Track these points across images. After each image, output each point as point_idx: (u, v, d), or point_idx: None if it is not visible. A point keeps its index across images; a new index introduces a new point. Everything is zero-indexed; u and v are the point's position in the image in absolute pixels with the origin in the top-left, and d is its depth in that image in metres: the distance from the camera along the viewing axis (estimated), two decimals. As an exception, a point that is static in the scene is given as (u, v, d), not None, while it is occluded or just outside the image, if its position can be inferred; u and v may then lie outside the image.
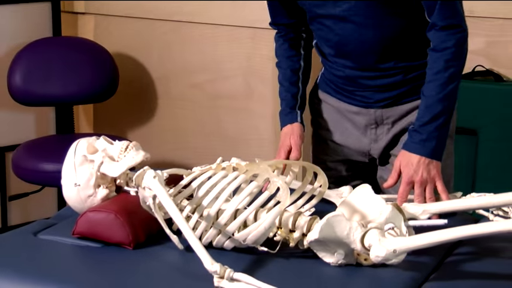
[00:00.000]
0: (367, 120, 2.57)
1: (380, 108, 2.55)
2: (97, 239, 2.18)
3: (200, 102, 4.19)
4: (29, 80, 3.98)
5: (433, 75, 2.37)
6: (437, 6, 2.34)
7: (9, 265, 2.09)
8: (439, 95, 2.35)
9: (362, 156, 2.63)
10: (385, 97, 2.54)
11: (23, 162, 3.83)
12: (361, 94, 2.55)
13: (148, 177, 2.15)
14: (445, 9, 2.36)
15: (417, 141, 2.35)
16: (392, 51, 2.48)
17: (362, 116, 2.58)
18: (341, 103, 2.62)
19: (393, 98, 2.54)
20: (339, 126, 2.64)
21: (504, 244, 2.17)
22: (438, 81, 2.37)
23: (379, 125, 2.57)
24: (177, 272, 2.04)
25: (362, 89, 2.55)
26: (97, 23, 4.32)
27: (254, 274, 1.94)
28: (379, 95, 2.54)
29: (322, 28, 2.50)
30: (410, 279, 2.00)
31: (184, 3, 4.10)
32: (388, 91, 2.53)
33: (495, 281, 2.01)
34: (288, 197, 2.11)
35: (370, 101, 2.55)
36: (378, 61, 2.49)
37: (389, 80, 2.51)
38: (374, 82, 2.52)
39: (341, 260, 2.04)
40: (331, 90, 2.63)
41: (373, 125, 2.57)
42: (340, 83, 2.59)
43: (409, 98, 2.53)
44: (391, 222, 2.04)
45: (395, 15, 2.42)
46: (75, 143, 2.31)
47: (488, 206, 2.14)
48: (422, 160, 2.33)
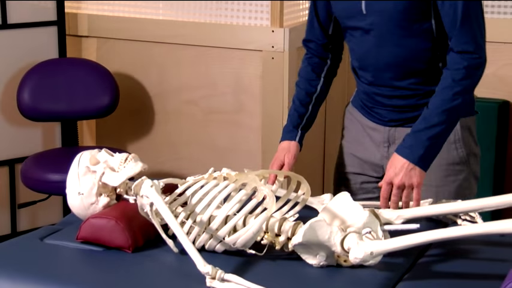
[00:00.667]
0: (381, 137, 2.58)
1: (394, 127, 2.55)
2: (99, 243, 2.18)
3: (194, 117, 4.18)
4: (37, 98, 3.97)
5: (439, 90, 2.38)
6: (455, 32, 2.35)
7: (18, 268, 2.10)
8: (439, 109, 2.35)
9: (376, 172, 2.62)
10: (398, 118, 2.55)
11: (31, 173, 3.83)
12: (378, 111, 2.57)
13: (146, 186, 2.15)
14: (462, 36, 2.36)
15: (407, 146, 2.36)
16: (409, 72, 2.47)
17: (378, 132, 2.59)
18: (363, 118, 2.63)
19: (405, 119, 2.53)
20: (359, 139, 2.65)
21: (471, 246, 2.18)
22: (442, 96, 2.37)
23: (391, 144, 2.57)
24: (173, 273, 2.05)
25: (379, 107, 2.56)
26: (99, 45, 4.31)
27: (243, 275, 1.96)
28: (393, 115, 2.54)
29: (351, 39, 2.53)
30: (385, 279, 2.01)
31: (179, 26, 4.10)
32: (402, 112, 2.53)
33: (463, 280, 2.02)
34: (274, 204, 2.12)
35: (385, 119, 2.56)
36: (392, 78, 2.49)
37: (403, 101, 2.51)
38: (389, 101, 2.53)
39: (323, 261, 2.05)
40: (358, 105, 2.65)
41: (386, 143, 2.58)
42: (364, 99, 2.60)
43: None
44: (368, 226, 2.05)
45: (414, 37, 2.43)
46: (79, 155, 2.32)
47: (457, 211, 2.14)
48: (406, 165, 2.33)
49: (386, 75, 2.49)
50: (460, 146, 2.49)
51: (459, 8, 2.34)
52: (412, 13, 2.40)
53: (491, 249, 2.16)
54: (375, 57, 2.48)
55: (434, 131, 2.36)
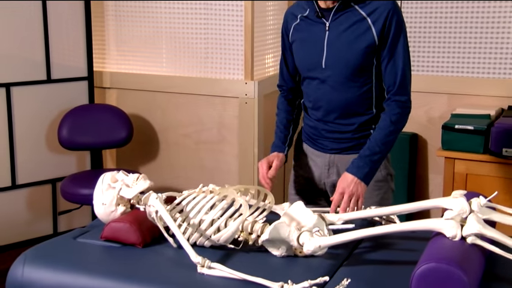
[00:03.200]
0: (324, 162, 2.56)
1: (333, 154, 2.54)
2: (117, 241, 2.17)
3: (188, 146, 4.17)
4: (72, 133, 3.95)
5: (379, 127, 2.40)
6: (395, 87, 2.38)
7: (57, 259, 2.08)
8: (379, 142, 2.37)
9: (320, 187, 2.60)
10: (337, 147, 2.53)
11: (68, 189, 3.80)
12: (322, 142, 2.55)
13: (152, 198, 2.15)
14: (399, 90, 2.40)
15: (356, 166, 2.35)
16: (350, 113, 2.46)
17: (321, 158, 2.57)
18: (309, 148, 2.61)
19: (342, 149, 2.52)
20: (306, 164, 2.62)
21: (392, 240, 2.17)
22: (382, 132, 2.38)
23: (331, 167, 2.55)
24: (172, 262, 2.03)
25: (323, 139, 2.54)
26: (118, 94, 4.30)
27: (225, 263, 1.95)
28: (334, 145, 2.53)
29: (308, 86, 2.51)
30: (330, 265, 2.00)
31: (176, 80, 4.09)
32: (340, 143, 2.52)
33: (387, 265, 2.02)
34: (247, 210, 2.11)
35: (327, 148, 2.54)
36: (337, 117, 2.47)
37: (343, 135, 2.50)
38: (332, 134, 2.51)
39: (284, 253, 2.04)
40: (305, 138, 2.63)
41: (327, 166, 2.56)
42: (311, 132, 2.58)
43: (352, 151, 2.50)
44: (317, 226, 2.04)
45: (358, 87, 2.42)
46: (103, 175, 2.31)
47: (381, 215, 2.14)
48: (355, 180, 2.33)
49: (333, 115, 2.48)
50: (382, 168, 2.49)
51: (399, 71, 2.38)
52: (359, 70, 2.40)
53: (405, 241, 2.16)
54: (327, 101, 2.46)
55: (375, 157, 2.37)
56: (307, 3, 2.45)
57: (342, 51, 2.38)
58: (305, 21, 2.46)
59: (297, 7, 2.52)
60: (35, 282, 2.02)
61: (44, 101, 4.00)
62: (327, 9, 2.38)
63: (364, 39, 2.36)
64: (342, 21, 2.38)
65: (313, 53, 2.44)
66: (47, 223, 4.14)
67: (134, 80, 4.24)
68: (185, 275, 1.92)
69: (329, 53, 2.40)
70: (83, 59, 4.12)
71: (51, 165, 4.08)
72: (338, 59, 2.39)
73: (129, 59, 4.25)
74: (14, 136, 3.91)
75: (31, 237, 4.03)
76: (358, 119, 2.47)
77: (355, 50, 2.37)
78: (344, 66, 2.39)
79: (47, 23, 3.93)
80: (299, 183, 2.65)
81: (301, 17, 2.48)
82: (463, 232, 1.83)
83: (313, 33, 2.44)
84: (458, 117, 3.45)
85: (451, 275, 1.67)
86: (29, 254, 2.10)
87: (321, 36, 2.41)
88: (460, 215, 1.87)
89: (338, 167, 2.53)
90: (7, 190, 3.93)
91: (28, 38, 3.88)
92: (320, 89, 2.46)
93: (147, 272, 1.96)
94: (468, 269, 1.69)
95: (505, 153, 3.21)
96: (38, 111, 3.99)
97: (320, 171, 2.57)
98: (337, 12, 2.37)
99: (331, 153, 2.54)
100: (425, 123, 3.85)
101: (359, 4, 2.36)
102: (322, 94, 2.47)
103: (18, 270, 2.05)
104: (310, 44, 2.44)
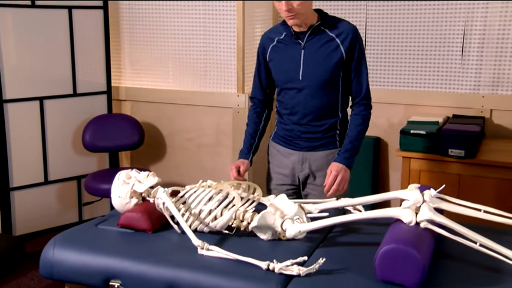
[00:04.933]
0: (298, 159, 2.55)
1: (305, 151, 2.53)
2: (131, 227, 2.16)
3: (190, 149, 4.16)
4: (94, 138, 3.93)
5: (354, 126, 2.45)
6: (361, 94, 2.46)
7: (81, 243, 2.07)
8: (355, 137, 2.44)
9: (292, 180, 2.59)
10: (310, 145, 2.52)
11: (91, 184, 3.77)
12: (297, 142, 2.54)
13: (160, 192, 2.15)
14: (364, 96, 2.46)
15: (342, 157, 2.41)
16: (322, 116, 2.47)
17: (295, 155, 2.55)
18: (282, 147, 2.59)
19: (314, 147, 2.52)
20: (280, 162, 2.61)
21: (359, 226, 2.18)
22: (356, 129, 2.45)
23: (304, 162, 2.54)
24: (177, 246, 2.02)
25: (298, 139, 2.53)
26: (132, 105, 4.28)
27: (220, 246, 1.95)
28: (307, 144, 2.52)
29: (285, 96, 2.50)
30: (308, 247, 1.99)
31: (181, 93, 4.09)
32: (312, 142, 2.51)
33: (355, 246, 2.02)
34: (239, 201, 2.11)
35: (301, 146, 2.53)
36: (311, 120, 2.48)
37: (315, 135, 2.50)
38: (306, 135, 2.51)
39: (270, 237, 2.03)
40: (279, 140, 2.61)
41: (300, 162, 2.55)
42: (286, 135, 2.56)
43: (322, 148, 2.51)
44: (298, 215, 2.04)
45: (330, 95, 2.45)
46: (119, 172, 2.30)
47: (350, 204, 2.14)
48: (344, 167, 2.39)
49: (307, 118, 2.48)
50: None
51: (364, 82, 2.46)
52: (330, 81, 2.42)
53: (369, 227, 2.16)
54: (303, 106, 2.46)
55: (355, 150, 2.44)
56: (282, 28, 2.48)
57: (316, 66, 2.40)
58: (282, 43, 2.47)
59: (272, 32, 2.53)
60: (63, 261, 2.01)
61: (70, 111, 3.99)
62: (301, 33, 2.42)
63: (334, 55, 2.39)
64: (315, 41, 2.41)
65: (291, 67, 2.44)
66: (73, 213, 4.12)
67: (145, 94, 4.22)
68: (188, 256, 1.92)
69: (305, 67, 2.41)
70: (102, 76, 4.11)
71: (76, 165, 4.07)
72: (313, 72, 2.41)
73: (141, 76, 4.24)
74: (46, 140, 3.90)
75: (60, 224, 4.02)
76: (328, 121, 2.48)
77: (327, 65, 2.39)
78: (318, 78, 2.41)
79: (73, 49, 3.92)
80: (276, 179, 2.63)
81: (278, 40, 2.48)
82: (417, 218, 1.84)
83: (291, 52, 2.44)
84: (413, 123, 3.46)
85: (407, 254, 1.67)
86: (58, 238, 2.09)
87: (298, 54, 2.43)
88: (415, 204, 1.88)
89: (310, 162, 2.53)
90: (40, 185, 3.92)
91: (57, 60, 3.87)
92: (297, 97, 2.47)
93: (156, 253, 1.95)
94: (421, 249, 1.70)
95: (451, 153, 3.22)
96: (65, 119, 3.97)
97: (294, 167, 2.57)
98: (310, 34, 2.41)
99: (305, 150, 2.53)
100: (386, 129, 3.86)
101: (327, 28, 2.41)
102: (298, 101, 2.47)
103: (49, 252, 2.04)
104: (288, 60, 2.45)
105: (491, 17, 3.50)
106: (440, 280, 1.74)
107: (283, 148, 2.59)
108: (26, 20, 3.69)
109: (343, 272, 1.80)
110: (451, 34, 3.61)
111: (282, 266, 1.78)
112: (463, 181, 3.24)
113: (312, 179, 2.54)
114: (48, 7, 3.76)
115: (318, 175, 2.52)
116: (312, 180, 2.54)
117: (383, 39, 3.78)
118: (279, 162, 2.61)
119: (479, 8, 3.52)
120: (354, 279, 1.75)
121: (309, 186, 2.56)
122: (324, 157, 2.51)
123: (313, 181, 2.54)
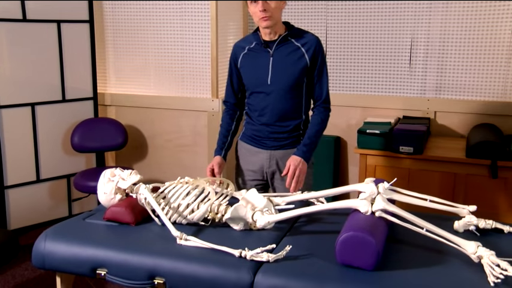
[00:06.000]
0: (266, 156, 2.54)
1: (272, 150, 2.53)
2: (116, 221, 2.12)
3: (170, 149, 4.14)
4: (82, 140, 3.88)
5: (313, 125, 2.45)
6: (322, 98, 2.46)
7: (70, 235, 2.03)
8: (314, 134, 2.44)
9: (262, 176, 2.59)
10: (276, 144, 2.52)
11: (79, 181, 3.72)
12: (265, 142, 2.53)
13: (142, 188, 2.12)
14: (325, 99, 2.47)
15: (301, 151, 2.41)
16: (288, 117, 2.48)
17: (263, 153, 2.55)
18: (251, 147, 2.58)
19: (280, 145, 2.52)
20: (249, 160, 2.60)
21: (321, 216, 2.18)
22: (315, 128, 2.45)
23: (271, 159, 2.54)
24: (158, 236, 1.99)
25: (266, 139, 2.52)
26: (116, 110, 4.24)
27: (197, 236, 1.93)
28: (274, 143, 2.52)
29: (255, 99, 2.50)
30: (276, 235, 1.98)
31: (161, 98, 4.06)
32: (279, 141, 2.51)
33: (317, 234, 2.01)
34: (214, 196, 2.09)
35: (269, 145, 2.53)
36: (278, 121, 2.48)
37: (281, 135, 2.50)
38: (273, 135, 2.51)
39: (242, 227, 2.02)
40: (247, 139, 2.60)
41: (268, 159, 2.54)
42: (255, 135, 2.55)
43: (287, 146, 2.52)
44: (267, 207, 2.03)
45: (294, 98, 2.45)
46: (104, 171, 2.25)
47: (314, 197, 2.15)
48: (302, 161, 2.40)
49: (275, 119, 2.48)
50: None
51: (325, 87, 2.48)
52: (295, 85, 2.43)
53: (331, 217, 2.16)
54: (271, 109, 2.46)
55: (312, 145, 2.44)
56: (253, 38, 2.48)
57: (283, 72, 2.41)
58: (252, 51, 2.47)
59: (243, 41, 2.53)
60: (54, 253, 1.97)
61: (60, 116, 3.93)
62: (270, 41, 2.42)
63: (300, 63, 2.40)
64: (282, 50, 2.41)
65: (261, 73, 2.44)
66: (64, 208, 4.06)
67: (129, 99, 4.18)
68: (167, 245, 1.90)
69: (273, 73, 2.42)
70: (89, 83, 4.06)
71: (66, 164, 4.01)
72: (280, 77, 2.41)
73: (125, 83, 4.20)
74: (38, 142, 3.84)
75: (51, 219, 3.97)
76: (293, 122, 2.49)
77: (294, 71, 2.40)
78: (285, 83, 2.41)
79: (62, 59, 3.86)
80: (245, 175, 2.62)
81: (249, 48, 2.48)
82: (373, 208, 1.85)
83: (260, 59, 2.44)
84: (368, 124, 3.49)
85: (364, 240, 1.68)
86: (49, 231, 2.05)
87: (267, 61, 2.43)
88: (371, 196, 1.89)
89: (277, 159, 2.53)
90: (33, 183, 3.86)
91: (47, 69, 3.81)
92: (266, 100, 2.46)
93: (139, 244, 1.93)
94: (376, 235, 1.71)
95: (401, 150, 3.25)
96: (55, 123, 3.91)
97: (262, 164, 2.56)
98: (279, 43, 2.42)
99: (272, 149, 2.53)
100: (346, 129, 3.88)
101: (294, 38, 2.42)
102: (267, 104, 2.47)
103: (41, 244, 2.00)
104: (258, 66, 2.45)
105: (433, 31, 3.55)
106: (393, 262, 1.76)
107: (251, 147, 2.58)
108: (18, 32, 3.64)
109: (308, 257, 1.80)
110: (401, 46, 3.66)
111: (253, 253, 1.78)
112: (412, 174, 3.28)
113: (278, 174, 2.55)
114: (38, 21, 3.71)
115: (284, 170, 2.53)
116: (278, 175, 2.55)
117: (342, 50, 3.81)
118: (247, 160, 2.60)
119: (423, 24, 3.57)
120: (317, 264, 1.75)
121: (276, 180, 2.56)
122: (290, 154, 2.51)
123: (280, 176, 2.54)
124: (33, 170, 3.85)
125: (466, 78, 3.54)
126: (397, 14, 3.62)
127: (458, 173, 3.17)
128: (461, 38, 3.51)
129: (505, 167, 3.06)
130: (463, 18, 3.48)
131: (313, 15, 3.81)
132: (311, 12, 3.81)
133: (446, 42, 3.54)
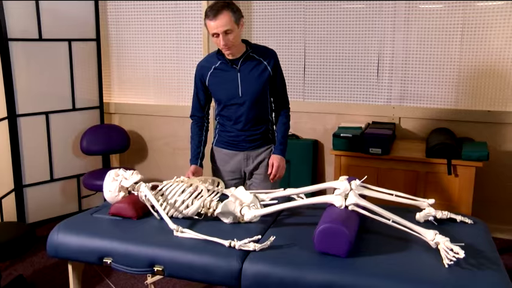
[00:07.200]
0: (242, 157, 2.53)
1: (249, 151, 2.52)
2: (120, 215, 2.11)
3: (167, 152, 4.12)
4: (90, 144, 3.85)
5: (281, 125, 2.52)
6: (283, 101, 2.51)
7: (80, 228, 2.02)
8: (285, 133, 2.50)
9: (239, 175, 2.58)
10: (251, 146, 2.51)
11: (87, 180, 3.69)
12: (241, 144, 2.52)
13: (143, 186, 2.10)
14: (286, 101, 2.52)
15: (278, 150, 2.46)
16: (259, 121, 2.48)
17: (239, 155, 2.54)
18: (228, 151, 2.56)
19: (254, 146, 2.51)
20: (226, 162, 2.57)
21: (302, 210, 2.18)
22: (284, 127, 2.51)
23: (248, 159, 2.53)
24: (156, 229, 1.98)
25: (242, 142, 2.51)
26: (120, 117, 4.21)
27: (192, 229, 1.92)
28: (249, 145, 2.51)
29: (228, 110, 2.47)
30: (261, 228, 1.98)
31: (160, 107, 4.03)
32: (253, 143, 2.51)
33: (299, 226, 2.01)
34: (207, 193, 2.08)
35: (245, 147, 2.52)
36: (252, 126, 2.47)
37: (255, 137, 2.50)
38: (248, 138, 2.50)
39: (231, 221, 2.01)
40: (224, 145, 2.56)
41: (244, 159, 2.53)
42: (231, 140, 2.53)
43: (261, 147, 2.52)
44: (253, 202, 2.03)
45: (263, 104, 2.47)
46: (109, 171, 2.24)
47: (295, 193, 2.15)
48: (281, 158, 2.45)
49: (249, 125, 2.48)
50: None
51: (285, 92, 2.53)
52: (262, 94, 2.44)
53: (310, 210, 2.17)
54: (246, 117, 2.45)
55: (286, 143, 2.50)
56: (217, 58, 2.43)
57: (251, 84, 2.41)
58: (219, 69, 2.43)
59: (206, 61, 2.47)
60: (66, 243, 1.96)
61: (70, 123, 3.90)
62: (235, 59, 2.40)
63: (264, 74, 2.42)
64: (247, 65, 2.41)
65: (231, 88, 2.42)
66: (74, 204, 4.02)
67: (131, 108, 4.16)
68: (166, 237, 1.89)
69: (243, 86, 2.41)
70: (96, 94, 4.03)
71: (76, 165, 3.98)
72: (250, 89, 2.41)
73: (128, 93, 4.17)
74: (51, 146, 3.80)
75: (63, 214, 3.93)
76: (264, 125, 2.50)
77: (260, 82, 2.41)
78: (254, 93, 2.42)
79: (72, 73, 3.83)
80: (224, 176, 2.57)
81: (215, 67, 2.44)
82: (346, 203, 1.85)
83: (229, 75, 2.42)
84: (342, 128, 3.50)
85: (338, 231, 1.68)
86: (61, 225, 2.03)
87: (235, 77, 2.41)
88: (344, 192, 1.90)
89: (252, 158, 2.53)
90: (47, 182, 3.82)
91: (60, 81, 3.79)
92: (239, 110, 2.45)
93: (140, 236, 1.92)
94: (349, 227, 1.72)
95: (371, 151, 3.26)
96: (66, 129, 3.88)
97: (240, 164, 2.54)
98: (243, 60, 2.41)
99: (248, 150, 2.52)
100: (322, 133, 3.89)
101: (255, 54, 2.43)
102: (241, 113, 2.45)
103: (54, 236, 1.99)
104: (228, 82, 2.42)
105: (397, 47, 3.58)
106: (364, 249, 1.76)
107: (228, 151, 2.55)
108: (34, 50, 3.62)
109: (290, 247, 1.80)
110: (369, 60, 3.68)
111: (241, 244, 1.77)
112: (381, 173, 3.29)
113: (255, 170, 2.55)
114: (52, 40, 3.70)
115: (260, 166, 2.54)
116: (255, 171, 2.56)
117: (319, 65, 3.82)
118: (224, 163, 2.57)
119: (388, 40, 3.59)
120: (298, 252, 1.76)
121: (254, 176, 2.56)
122: (262, 151, 2.53)
123: (256, 171, 2.55)
124: (47, 171, 3.81)
125: (425, 89, 3.58)
126: (365, 32, 3.64)
127: (420, 171, 3.19)
128: (421, 54, 3.54)
129: (458, 165, 3.09)
130: (422, 36, 3.51)
131: (293, 35, 3.82)
132: (292, 36, 3.82)
133: (408, 57, 3.57)
